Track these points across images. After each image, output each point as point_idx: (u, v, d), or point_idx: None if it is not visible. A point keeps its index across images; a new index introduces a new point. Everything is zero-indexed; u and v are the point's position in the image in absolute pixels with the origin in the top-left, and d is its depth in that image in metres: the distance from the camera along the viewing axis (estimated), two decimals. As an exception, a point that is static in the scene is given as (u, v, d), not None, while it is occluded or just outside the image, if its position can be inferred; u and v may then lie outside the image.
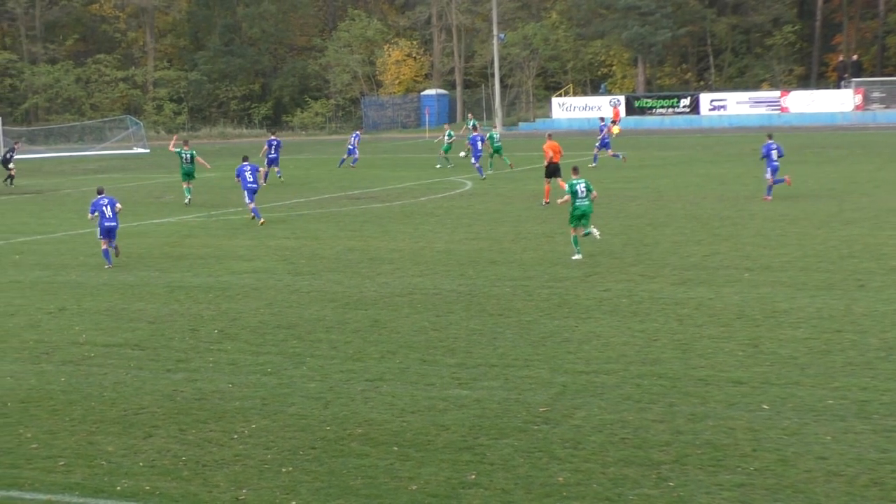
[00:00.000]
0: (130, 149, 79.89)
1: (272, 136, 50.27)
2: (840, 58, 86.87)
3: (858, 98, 78.98)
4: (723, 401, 14.28)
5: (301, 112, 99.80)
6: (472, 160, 47.59)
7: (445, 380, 15.73)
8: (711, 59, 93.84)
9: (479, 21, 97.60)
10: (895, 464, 12.00)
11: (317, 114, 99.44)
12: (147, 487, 12.02)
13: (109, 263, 26.99)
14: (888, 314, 18.73)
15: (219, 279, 24.47)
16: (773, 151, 34.68)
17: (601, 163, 51.38)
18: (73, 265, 27.25)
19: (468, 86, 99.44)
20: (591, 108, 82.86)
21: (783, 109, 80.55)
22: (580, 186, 25.39)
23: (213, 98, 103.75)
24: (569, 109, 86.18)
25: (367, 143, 66.53)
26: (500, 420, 13.84)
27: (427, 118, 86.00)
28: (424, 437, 13.30)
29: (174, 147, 42.72)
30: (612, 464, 12.23)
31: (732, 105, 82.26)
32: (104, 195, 27.53)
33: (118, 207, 27.41)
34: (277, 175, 48.77)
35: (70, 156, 79.70)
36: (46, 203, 44.23)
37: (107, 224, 27.04)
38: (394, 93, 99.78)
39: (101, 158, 75.38)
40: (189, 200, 40.31)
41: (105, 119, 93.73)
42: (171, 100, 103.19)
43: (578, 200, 25.30)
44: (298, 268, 25.58)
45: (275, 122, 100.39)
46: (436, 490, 11.67)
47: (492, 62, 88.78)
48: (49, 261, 28.16)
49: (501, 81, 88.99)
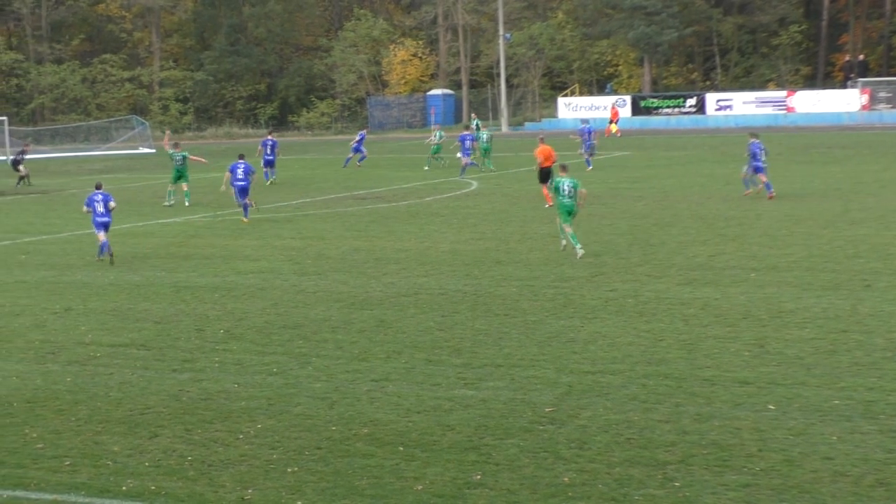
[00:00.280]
0: (136, 149, 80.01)
1: (268, 136, 50.06)
2: (846, 58, 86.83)
3: (865, 98, 78.95)
4: (728, 401, 14.26)
5: (307, 112, 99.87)
6: (460, 156, 48.56)
7: (451, 380, 15.72)
8: (717, 59, 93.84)
9: (485, 21, 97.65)
10: (901, 464, 11.99)
11: (322, 114, 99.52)
12: (153, 487, 12.02)
13: (101, 256, 27.40)
14: (894, 314, 18.70)
15: (224, 279, 24.49)
16: (759, 151, 35.02)
17: (604, 163, 51.35)
18: (79, 265, 27.27)
19: (474, 86, 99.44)
20: (598, 108, 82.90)
21: (789, 109, 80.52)
22: (565, 184, 25.73)
23: (219, 98, 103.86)
24: (575, 109, 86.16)
25: (373, 143, 66.54)
26: (506, 420, 13.83)
27: (433, 118, 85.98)
28: (430, 438, 13.30)
29: (168, 148, 42.90)
30: (618, 464, 12.22)
31: (738, 105, 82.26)
32: (100, 191, 28.00)
33: (112, 205, 27.73)
34: (272, 177, 48.33)
35: (76, 156, 79.85)
36: (52, 203, 44.29)
37: (98, 220, 27.56)
38: (399, 93, 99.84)
39: (107, 158, 75.50)
40: (171, 203, 40.15)
41: (111, 119, 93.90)
42: (177, 100, 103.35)
43: (565, 198, 25.64)
44: (304, 268, 25.58)
45: (281, 122, 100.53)
46: (441, 490, 11.67)
47: (498, 62, 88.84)
48: (55, 261, 28.19)
49: (507, 81, 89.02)
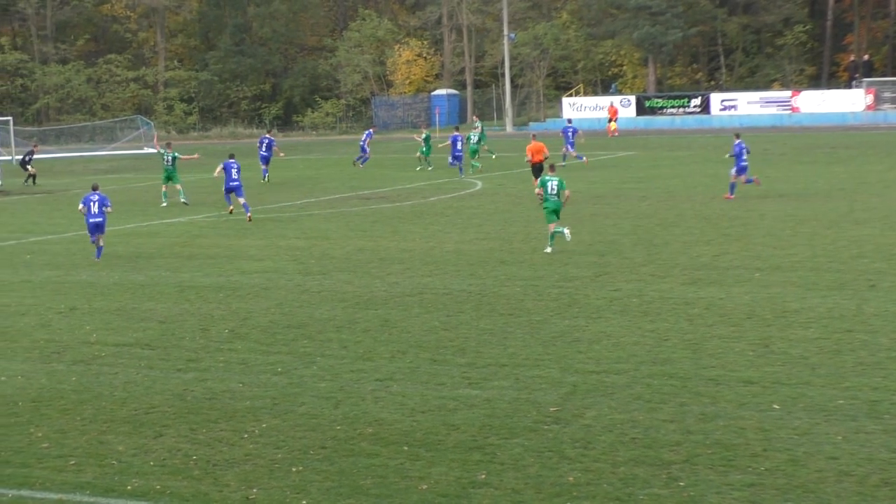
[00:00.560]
0: (141, 149, 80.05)
1: (266, 135, 50.79)
2: (851, 58, 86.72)
3: (869, 98, 78.82)
4: (733, 401, 14.26)
5: (312, 112, 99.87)
6: (450, 160, 49.28)
7: (455, 379, 15.72)
8: (722, 59, 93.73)
9: (490, 21, 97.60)
10: (906, 464, 11.99)
11: (327, 114, 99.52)
12: (157, 486, 12.04)
13: (98, 257, 27.81)
14: (899, 314, 18.69)
15: (229, 279, 24.51)
16: (743, 151, 35.48)
17: (608, 163, 51.31)
18: (84, 265, 27.30)
19: (478, 86, 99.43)
20: (602, 108, 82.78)
21: (794, 109, 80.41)
22: (552, 183, 26.26)
23: (224, 98, 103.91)
24: (579, 109, 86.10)
25: (378, 143, 66.49)
26: (511, 420, 13.83)
27: (437, 118, 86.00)
28: (435, 437, 13.31)
29: (159, 148, 43.16)
30: (623, 463, 12.22)
31: (743, 105, 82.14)
32: (97, 192, 28.33)
33: (108, 209, 28.06)
34: (264, 175, 48.91)
35: (81, 156, 79.95)
36: (57, 203, 44.33)
37: (91, 220, 27.89)
38: (404, 93, 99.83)
39: (112, 158, 75.58)
40: (166, 203, 40.59)
41: (116, 119, 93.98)
42: (182, 100, 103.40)
43: (550, 197, 26.18)
44: (308, 268, 25.60)
45: (285, 122, 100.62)
46: (446, 490, 11.67)
47: (502, 62, 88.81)
48: (60, 260, 28.23)
49: (512, 81, 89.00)
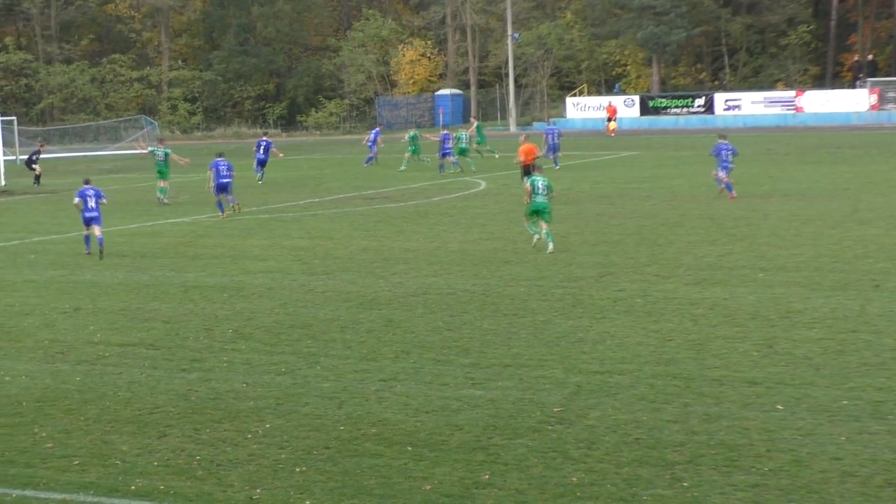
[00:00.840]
0: (145, 149, 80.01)
1: (263, 137, 51.29)
2: (855, 57, 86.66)
3: (874, 98, 78.78)
4: (737, 401, 14.25)
5: (315, 112, 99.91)
6: (440, 157, 49.95)
7: (459, 380, 15.72)
8: (726, 59, 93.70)
9: (494, 21, 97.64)
10: (910, 465, 11.97)
11: (331, 114, 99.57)
12: (161, 487, 12.04)
13: (88, 249, 28.45)
14: (903, 315, 18.67)
15: (233, 279, 24.52)
16: (724, 151, 35.68)
17: (612, 162, 51.28)
18: (89, 265, 27.32)
19: (482, 85, 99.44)
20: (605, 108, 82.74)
21: (798, 109, 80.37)
22: (540, 183, 26.60)
23: (228, 98, 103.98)
24: (583, 109, 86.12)
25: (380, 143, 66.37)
26: (514, 420, 13.83)
27: (441, 118, 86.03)
28: (438, 437, 13.30)
29: (148, 148, 43.54)
30: (626, 464, 12.21)
31: (747, 105, 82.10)
32: (90, 186, 28.97)
33: (103, 201, 28.78)
34: (259, 176, 49.26)
35: (85, 156, 80.00)
36: (61, 203, 44.31)
37: (87, 214, 28.45)
38: (408, 92, 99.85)
39: (116, 158, 75.62)
40: (161, 199, 41.09)
41: (120, 119, 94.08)
42: (186, 99, 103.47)
43: (538, 196, 26.51)
44: (313, 268, 25.60)
45: (289, 122, 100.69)
46: (449, 490, 11.67)
47: (506, 62, 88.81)
48: (64, 260, 28.25)
49: (516, 81, 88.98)
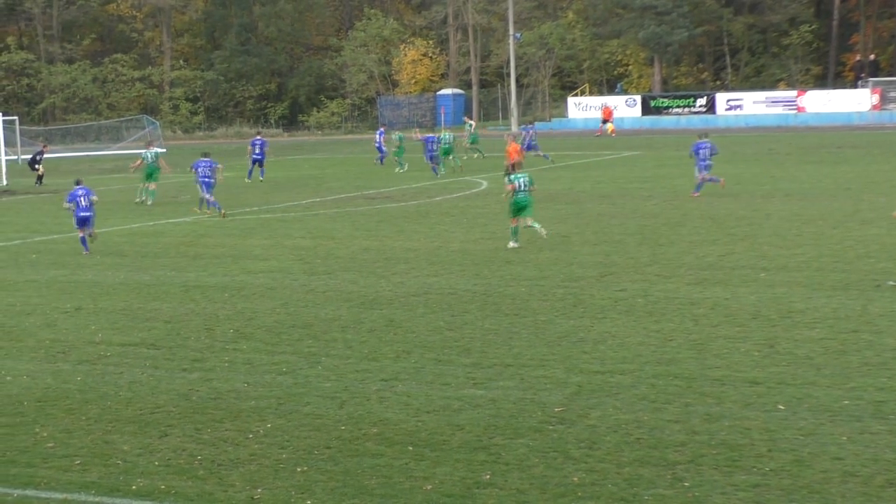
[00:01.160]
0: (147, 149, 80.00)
1: (257, 136, 52.35)
2: (857, 57, 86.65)
3: (875, 98, 78.78)
4: (738, 401, 14.24)
5: (317, 112, 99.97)
6: (427, 159, 50.62)
7: (461, 379, 15.71)
8: (728, 59, 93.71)
9: (496, 20, 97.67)
10: (912, 465, 11.96)
11: (333, 113, 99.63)
12: (162, 486, 12.04)
13: (87, 250, 28.74)
14: (905, 314, 18.66)
15: (234, 278, 24.52)
16: (703, 150, 36.30)
17: (614, 162, 51.27)
18: (90, 264, 27.33)
19: (484, 85, 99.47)
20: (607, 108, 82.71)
21: (800, 109, 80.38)
22: (522, 180, 27.16)
23: (230, 98, 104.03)
24: (585, 109, 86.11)
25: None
26: (516, 420, 13.82)
27: (443, 118, 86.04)
28: (439, 437, 13.30)
29: (142, 152, 43.86)
30: (628, 464, 12.21)
31: (749, 105, 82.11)
32: (81, 186, 29.56)
33: (94, 199, 29.33)
34: (261, 176, 50.38)
35: (87, 155, 79.98)
36: (63, 202, 44.31)
37: (81, 214, 29.04)
38: (410, 92, 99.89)
39: (118, 158, 75.52)
40: (142, 201, 41.28)
41: (122, 119, 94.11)
42: (188, 99, 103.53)
43: (520, 193, 27.11)
44: (314, 267, 25.60)
45: (291, 122, 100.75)
46: (451, 490, 11.67)
47: (508, 62, 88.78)
48: (65, 260, 28.25)
49: (517, 81, 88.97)
